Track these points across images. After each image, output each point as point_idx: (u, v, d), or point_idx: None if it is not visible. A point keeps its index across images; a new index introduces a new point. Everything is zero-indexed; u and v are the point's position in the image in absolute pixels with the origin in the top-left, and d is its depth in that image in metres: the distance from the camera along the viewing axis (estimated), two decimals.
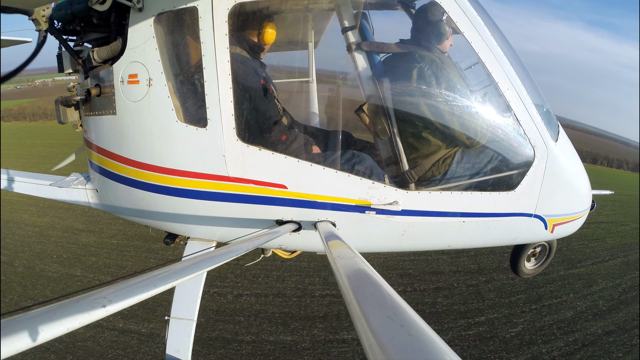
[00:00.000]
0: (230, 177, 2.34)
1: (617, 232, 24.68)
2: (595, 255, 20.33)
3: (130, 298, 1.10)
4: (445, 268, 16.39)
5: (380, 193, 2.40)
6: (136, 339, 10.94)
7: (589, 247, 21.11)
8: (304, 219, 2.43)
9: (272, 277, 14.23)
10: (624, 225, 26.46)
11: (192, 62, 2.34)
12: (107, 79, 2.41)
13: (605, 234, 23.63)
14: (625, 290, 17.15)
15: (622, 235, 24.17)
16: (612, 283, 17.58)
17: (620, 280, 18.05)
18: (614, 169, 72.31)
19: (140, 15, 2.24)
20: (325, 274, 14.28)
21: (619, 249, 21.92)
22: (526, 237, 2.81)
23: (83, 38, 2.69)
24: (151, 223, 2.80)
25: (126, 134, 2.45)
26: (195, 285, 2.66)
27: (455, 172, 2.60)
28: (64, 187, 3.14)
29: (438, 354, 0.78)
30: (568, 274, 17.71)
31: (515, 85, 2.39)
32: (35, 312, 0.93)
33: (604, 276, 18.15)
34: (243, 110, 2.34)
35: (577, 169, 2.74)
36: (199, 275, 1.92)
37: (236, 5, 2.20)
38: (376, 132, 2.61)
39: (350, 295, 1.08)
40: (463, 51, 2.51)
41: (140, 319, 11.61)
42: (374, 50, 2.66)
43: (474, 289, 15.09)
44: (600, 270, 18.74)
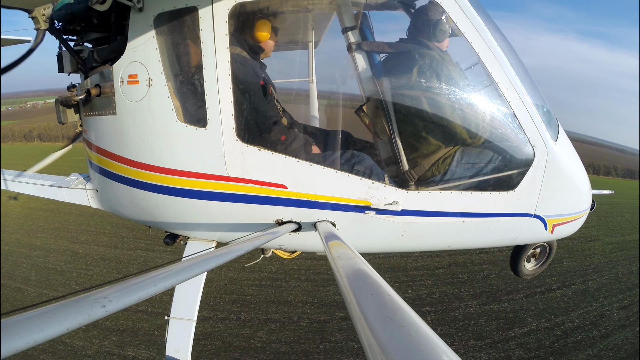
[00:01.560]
0: (230, 177, 2.34)
1: (582, 250, 20.60)
2: (538, 284, 15.59)
3: (130, 298, 1.10)
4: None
5: (380, 193, 2.40)
6: None
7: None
8: (304, 219, 2.43)
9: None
10: (594, 241, 22.17)
11: (192, 62, 2.34)
12: (107, 79, 2.41)
13: (563, 254, 18.98)
14: (566, 333, 12.73)
15: (587, 255, 20.15)
16: (539, 324, 13.06)
17: (563, 319, 13.57)
18: (600, 176, 72.10)
19: (140, 15, 2.24)
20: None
21: (577, 272, 17.81)
22: (526, 238, 2.81)
23: (83, 38, 2.69)
24: (151, 223, 2.80)
25: (126, 134, 2.45)
26: (195, 285, 2.66)
27: (455, 172, 2.60)
28: (64, 188, 3.14)
29: (438, 354, 0.78)
30: (484, 311, 13.70)
31: (515, 85, 2.39)
32: (35, 312, 0.93)
33: (534, 314, 13.68)
34: (243, 111, 2.34)
35: (577, 169, 2.74)
36: (199, 275, 1.92)
37: (236, 5, 2.20)
38: (376, 132, 2.61)
39: (350, 296, 1.08)
40: (463, 51, 2.51)
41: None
42: (374, 50, 2.66)
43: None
44: (531, 305, 14.24)
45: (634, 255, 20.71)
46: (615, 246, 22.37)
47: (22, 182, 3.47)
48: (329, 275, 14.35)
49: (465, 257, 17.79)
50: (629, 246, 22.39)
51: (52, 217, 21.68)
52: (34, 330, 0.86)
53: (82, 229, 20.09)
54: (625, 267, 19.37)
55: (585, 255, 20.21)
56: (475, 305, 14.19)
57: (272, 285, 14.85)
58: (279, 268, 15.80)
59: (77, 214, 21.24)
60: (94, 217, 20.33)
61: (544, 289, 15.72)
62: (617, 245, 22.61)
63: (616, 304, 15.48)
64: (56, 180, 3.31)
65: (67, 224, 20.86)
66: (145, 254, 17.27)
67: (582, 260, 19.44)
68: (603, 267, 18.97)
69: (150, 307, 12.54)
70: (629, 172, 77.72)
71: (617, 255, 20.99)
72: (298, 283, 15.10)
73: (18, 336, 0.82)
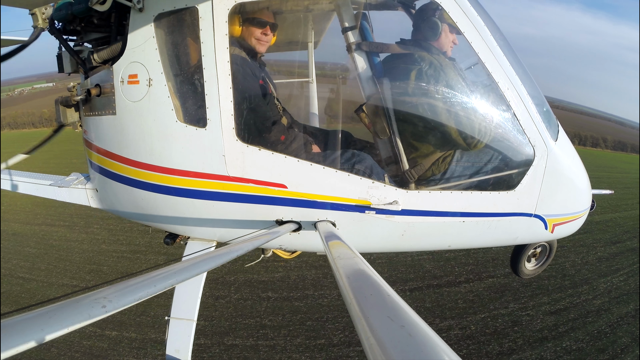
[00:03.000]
0: (230, 176, 2.34)
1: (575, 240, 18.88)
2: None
3: (130, 298, 1.10)
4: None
5: (380, 193, 2.40)
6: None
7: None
8: (304, 218, 2.43)
9: None
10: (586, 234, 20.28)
11: (192, 62, 2.34)
12: (107, 79, 2.41)
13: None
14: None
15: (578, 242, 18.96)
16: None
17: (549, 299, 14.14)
18: (587, 147, 70.91)
19: (140, 16, 2.24)
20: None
21: (570, 251, 17.92)
22: (526, 237, 2.81)
23: (83, 38, 2.69)
24: (151, 223, 2.80)
25: (126, 134, 2.45)
26: (195, 285, 2.66)
27: (455, 172, 2.60)
28: (63, 187, 3.15)
29: (438, 354, 0.78)
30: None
31: (515, 85, 2.39)
32: (35, 312, 0.93)
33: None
34: (243, 110, 2.34)
35: (577, 169, 2.74)
36: (199, 275, 1.92)
37: (236, 6, 2.20)
38: (376, 131, 2.61)
39: (350, 296, 1.08)
40: (463, 51, 2.51)
41: None
42: (374, 51, 2.66)
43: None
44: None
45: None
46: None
47: (22, 182, 3.48)
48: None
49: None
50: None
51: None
52: (34, 330, 0.86)
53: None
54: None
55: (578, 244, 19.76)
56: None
57: (130, 258, 15.60)
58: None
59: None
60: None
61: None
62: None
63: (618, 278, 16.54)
64: (56, 180, 3.31)
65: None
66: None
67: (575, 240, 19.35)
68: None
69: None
70: (619, 144, 77.45)
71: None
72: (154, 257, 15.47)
73: (18, 336, 0.82)
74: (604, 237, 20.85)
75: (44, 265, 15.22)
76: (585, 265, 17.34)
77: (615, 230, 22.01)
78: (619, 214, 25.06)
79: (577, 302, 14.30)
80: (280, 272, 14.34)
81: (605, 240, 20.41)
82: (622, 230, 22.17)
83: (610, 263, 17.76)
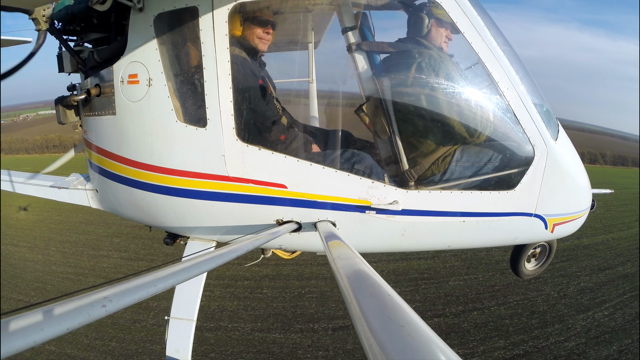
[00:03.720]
0: (230, 176, 2.34)
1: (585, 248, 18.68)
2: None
3: (130, 298, 1.10)
4: None
5: (380, 192, 2.40)
6: None
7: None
8: (304, 218, 2.43)
9: None
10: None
11: (192, 62, 2.34)
12: (107, 79, 2.41)
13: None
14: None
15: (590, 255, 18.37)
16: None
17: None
18: (585, 164, 70.85)
19: (140, 15, 2.24)
20: None
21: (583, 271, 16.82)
22: (526, 237, 2.81)
23: (83, 38, 2.69)
24: (151, 223, 2.80)
25: (126, 134, 2.45)
26: (195, 286, 2.66)
27: (455, 171, 2.60)
28: (63, 188, 3.14)
29: (438, 354, 0.78)
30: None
31: (515, 85, 2.39)
32: (35, 312, 0.93)
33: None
34: (242, 110, 2.34)
35: (577, 168, 2.74)
36: (199, 275, 1.92)
37: (236, 5, 2.20)
38: (376, 131, 2.61)
39: (351, 296, 1.08)
40: (463, 51, 2.51)
41: None
42: (374, 50, 2.66)
43: None
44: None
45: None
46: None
47: (22, 183, 3.48)
48: None
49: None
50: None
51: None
52: (34, 330, 0.86)
53: None
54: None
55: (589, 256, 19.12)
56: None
57: (73, 279, 16.37)
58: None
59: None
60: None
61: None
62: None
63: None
64: (56, 181, 3.31)
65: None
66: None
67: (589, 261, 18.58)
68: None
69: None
70: (620, 158, 77.14)
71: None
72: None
73: (18, 336, 0.82)
74: (591, 263, 18.20)
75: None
76: (562, 299, 14.74)
77: (605, 255, 19.33)
78: (612, 235, 22.12)
79: (543, 346, 11.75)
80: (203, 300, 13.93)
81: (592, 267, 17.79)
82: (614, 254, 19.48)
83: (594, 295, 15.26)
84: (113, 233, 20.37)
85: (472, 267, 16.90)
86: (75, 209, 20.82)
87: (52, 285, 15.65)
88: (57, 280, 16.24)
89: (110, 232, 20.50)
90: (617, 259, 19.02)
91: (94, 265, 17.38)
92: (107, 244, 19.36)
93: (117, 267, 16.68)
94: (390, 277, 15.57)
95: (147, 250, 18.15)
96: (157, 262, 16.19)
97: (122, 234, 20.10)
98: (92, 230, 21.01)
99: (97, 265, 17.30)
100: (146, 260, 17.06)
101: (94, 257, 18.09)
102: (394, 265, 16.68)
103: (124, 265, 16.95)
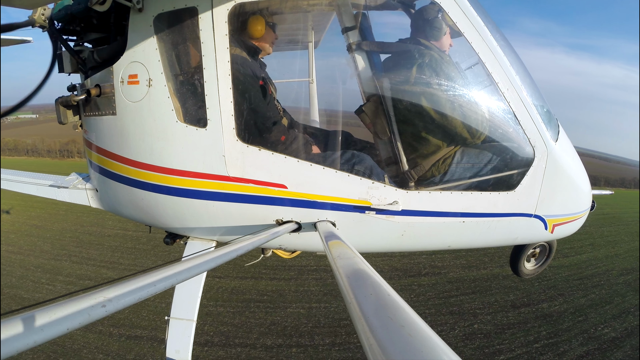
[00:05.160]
0: (230, 177, 2.34)
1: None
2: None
3: (130, 298, 1.10)
4: None
5: (380, 193, 2.40)
6: None
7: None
8: (304, 219, 2.43)
9: None
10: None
11: (192, 62, 2.34)
12: (107, 79, 2.41)
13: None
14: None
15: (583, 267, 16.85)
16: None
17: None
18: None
19: (140, 16, 2.24)
20: None
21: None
22: (526, 237, 2.81)
23: (83, 38, 2.69)
24: (151, 223, 2.79)
25: (126, 134, 2.45)
26: (195, 286, 2.66)
27: (455, 172, 2.60)
28: (63, 187, 3.14)
29: (438, 354, 0.78)
30: None
31: (515, 86, 2.39)
32: (35, 312, 0.93)
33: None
34: (243, 111, 2.34)
35: (577, 169, 2.74)
36: (198, 275, 1.92)
37: (236, 6, 2.20)
38: (376, 132, 2.61)
39: (350, 295, 1.08)
40: (463, 51, 2.51)
41: None
42: (374, 50, 2.66)
43: None
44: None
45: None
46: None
47: (22, 183, 3.47)
48: None
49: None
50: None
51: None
52: (34, 330, 0.86)
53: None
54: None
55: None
56: None
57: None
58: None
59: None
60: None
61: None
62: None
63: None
64: (56, 180, 3.31)
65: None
66: None
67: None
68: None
69: None
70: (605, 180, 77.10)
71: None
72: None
73: (18, 336, 0.82)
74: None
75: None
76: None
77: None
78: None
79: None
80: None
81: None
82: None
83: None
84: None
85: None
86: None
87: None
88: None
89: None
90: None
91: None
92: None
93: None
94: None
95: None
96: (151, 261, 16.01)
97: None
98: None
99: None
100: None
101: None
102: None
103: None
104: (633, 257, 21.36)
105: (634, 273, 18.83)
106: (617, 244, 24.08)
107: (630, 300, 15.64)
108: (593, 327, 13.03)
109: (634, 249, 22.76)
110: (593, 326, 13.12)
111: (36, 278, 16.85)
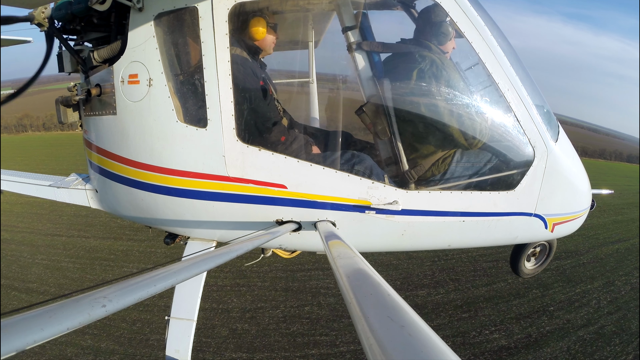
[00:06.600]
0: (230, 177, 2.34)
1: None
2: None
3: (130, 298, 1.10)
4: None
5: (380, 193, 2.40)
6: None
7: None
8: (304, 218, 2.43)
9: None
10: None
11: (193, 62, 2.34)
12: (107, 79, 2.41)
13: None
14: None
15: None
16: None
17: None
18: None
19: (140, 15, 2.24)
20: None
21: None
22: (526, 237, 2.82)
23: (83, 38, 2.69)
24: (151, 223, 2.79)
25: (126, 134, 2.45)
26: (195, 286, 2.66)
27: (455, 172, 2.60)
28: (63, 188, 3.14)
29: (438, 354, 0.78)
30: None
31: (516, 86, 2.39)
32: (35, 312, 0.93)
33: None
34: (243, 111, 2.34)
35: (577, 169, 2.74)
36: (198, 275, 1.92)
37: (236, 5, 2.20)
38: (376, 132, 2.61)
39: (350, 295, 1.08)
40: (463, 51, 2.51)
41: None
42: (374, 50, 2.66)
43: None
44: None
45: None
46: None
47: (21, 183, 3.47)
48: None
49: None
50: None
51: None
52: (34, 330, 0.85)
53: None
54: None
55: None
56: None
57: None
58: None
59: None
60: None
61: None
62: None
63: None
64: (55, 181, 3.30)
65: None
66: None
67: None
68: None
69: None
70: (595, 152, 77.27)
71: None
72: None
73: (18, 336, 0.82)
74: None
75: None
76: None
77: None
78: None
79: None
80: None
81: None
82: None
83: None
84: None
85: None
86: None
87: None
88: None
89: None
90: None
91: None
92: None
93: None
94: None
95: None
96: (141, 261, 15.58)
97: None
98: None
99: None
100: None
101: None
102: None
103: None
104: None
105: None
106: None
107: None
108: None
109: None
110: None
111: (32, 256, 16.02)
